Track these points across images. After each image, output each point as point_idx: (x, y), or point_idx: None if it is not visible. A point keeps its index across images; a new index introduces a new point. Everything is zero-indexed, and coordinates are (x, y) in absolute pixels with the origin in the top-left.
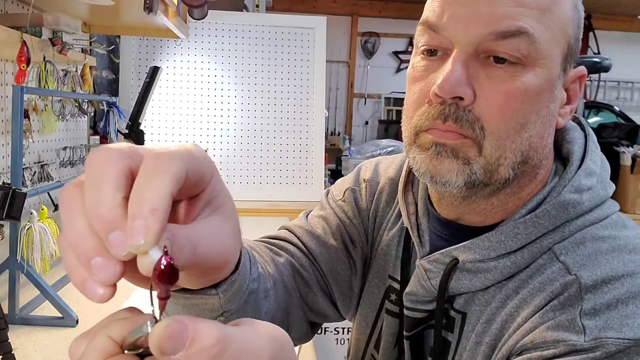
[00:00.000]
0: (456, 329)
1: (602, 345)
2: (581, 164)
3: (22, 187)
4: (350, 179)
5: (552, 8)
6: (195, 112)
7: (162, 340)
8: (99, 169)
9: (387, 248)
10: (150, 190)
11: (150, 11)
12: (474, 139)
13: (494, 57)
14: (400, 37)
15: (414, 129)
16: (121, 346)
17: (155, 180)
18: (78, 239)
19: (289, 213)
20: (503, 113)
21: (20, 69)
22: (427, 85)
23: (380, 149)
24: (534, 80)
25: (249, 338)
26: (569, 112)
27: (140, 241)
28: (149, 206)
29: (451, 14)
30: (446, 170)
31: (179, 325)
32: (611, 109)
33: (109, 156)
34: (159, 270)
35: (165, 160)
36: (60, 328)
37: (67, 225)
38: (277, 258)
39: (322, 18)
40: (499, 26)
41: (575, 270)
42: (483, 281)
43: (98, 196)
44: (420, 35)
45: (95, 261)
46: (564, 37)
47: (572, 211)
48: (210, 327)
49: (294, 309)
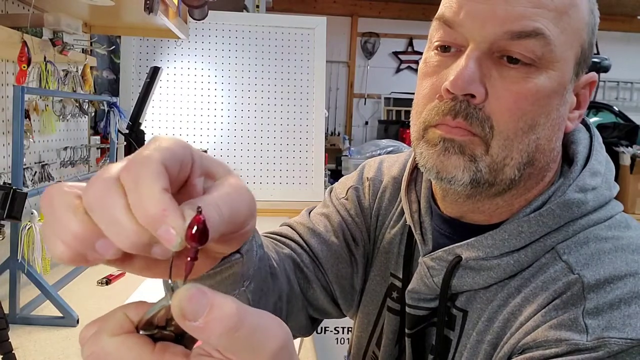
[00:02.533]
0: (457, 327)
1: (604, 344)
2: (586, 164)
3: (22, 187)
4: (353, 177)
5: (569, 11)
6: (195, 112)
7: (183, 302)
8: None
9: (389, 246)
10: (146, 197)
11: (151, 11)
12: (482, 137)
13: (507, 57)
14: (400, 38)
15: (423, 124)
16: (136, 327)
17: (143, 186)
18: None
19: (289, 213)
20: (513, 113)
21: (21, 69)
22: (439, 80)
23: (380, 149)
24: (546, 82)
25: (264, 318)
26: (577, 116)
27: (177, 240)
28: (157, 210)
29: (468, 10)
30: (452, 167)
31: (199, 291)
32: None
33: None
34: (192, 229)
35: (136, 164)
36: (61, 328)
37: None
38: (280, 250)
39: (322, 18)
40: (515, 26)
41: (578, 269)
42: (486, 279)
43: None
44: (435, 30)
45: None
46: (578, 42)
47: (576, 210)
48: (229, 299)
49: (293, 299)
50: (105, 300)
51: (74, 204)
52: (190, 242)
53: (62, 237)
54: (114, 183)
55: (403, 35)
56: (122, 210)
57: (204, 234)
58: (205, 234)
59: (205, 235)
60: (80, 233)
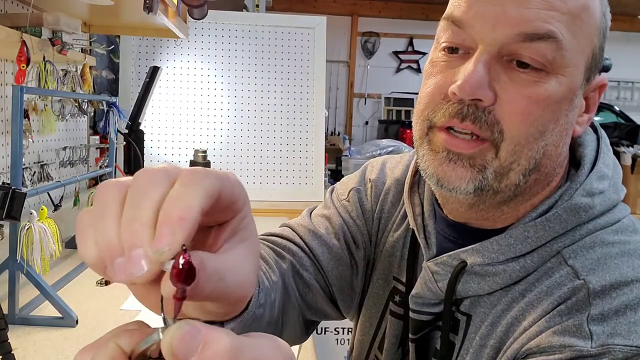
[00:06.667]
0: (460, 331)
1: (608, 351)
2: (593, 167)
3: (22, 187)
4: (355, 178)
5: (582, 15)
6: (195, 111)
7: (175, 342)
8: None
9: (392, 249)
10: (181, 201)
11: (150, 11)
12: (491, 141)
13: (517, 62)
14: (400, 37)
15: (427, 122)
16: (129, 357)
17: (187, 192)
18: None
19: (289, 213)
20: (525, 118)
21: (20, 68)
22: (445, 80)
23: (380, 149)
24: (557, 88)
25: (261, 349)
26: (586, 120)
27: (165, 247)
28: (178, 214)
29: (478, 11)
30: (456, 177)
31: (192, 329)
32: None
33: (152, 176)
34: (178, 268)
35: (200, 175)
36: (60, 328)
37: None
38: (280, 261)
39: (322, 18)
40: (527, 27)
41: (584, 274)
42: (491, 285)
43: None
44: (442, 30)
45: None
46: (589, 46)
47: (583, 215)
48: (223, 333)
49: (290, 309)
50: (105, 300)
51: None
52: (174, 282)
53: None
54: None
55: (403, 34)
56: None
57: (189, 274)
58: (191, 274)
59: (191, 276)
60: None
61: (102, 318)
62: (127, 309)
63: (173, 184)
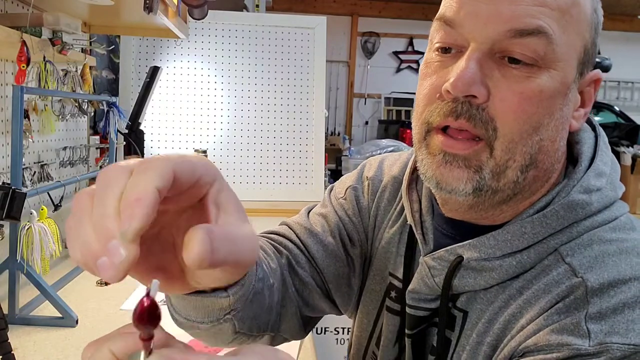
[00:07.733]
0: (457, 327)
1: (606, 350)
2: (591, 164)
3: (22, 187)
4: (353, 177)
5: (572, 10)
6: (195, 111)
7: None
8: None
9: (388, 245)
10: (137, 185)
11: (150, 11)
12: (485, 139)
13: (508, 58)
14: (400, 37)
15: (425, 125)
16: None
17: (141, 177)
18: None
19: (288, 213)
20: (518, 116)
21: (20, 69)
22: (439, 80)
23: (380, 149)
24: (549, 82)
25: None
26: (583, 115)
27: (125, 226)
28: (135, 197)
29: (469, 10)
30: (454, 179)
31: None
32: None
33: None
34: (139, 311)
35: (153, 161)
36: (60, 328)
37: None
38: (278, 256)
39: (322, 18)
40: (517, 23)
41: (581, 272)
42: (487, 280)
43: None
44: (435, 31)
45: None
46: (581, 41)
47: (580, 212)
48: (203, 358)
49: (287, 303)
50: (105, 300)
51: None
52: (136, 325)
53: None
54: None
55: (403, 34)
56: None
57: (152, 315)
58: (155, 315)
59: (155, 317)
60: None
61: (102, 318)
62: (127, 309)
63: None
